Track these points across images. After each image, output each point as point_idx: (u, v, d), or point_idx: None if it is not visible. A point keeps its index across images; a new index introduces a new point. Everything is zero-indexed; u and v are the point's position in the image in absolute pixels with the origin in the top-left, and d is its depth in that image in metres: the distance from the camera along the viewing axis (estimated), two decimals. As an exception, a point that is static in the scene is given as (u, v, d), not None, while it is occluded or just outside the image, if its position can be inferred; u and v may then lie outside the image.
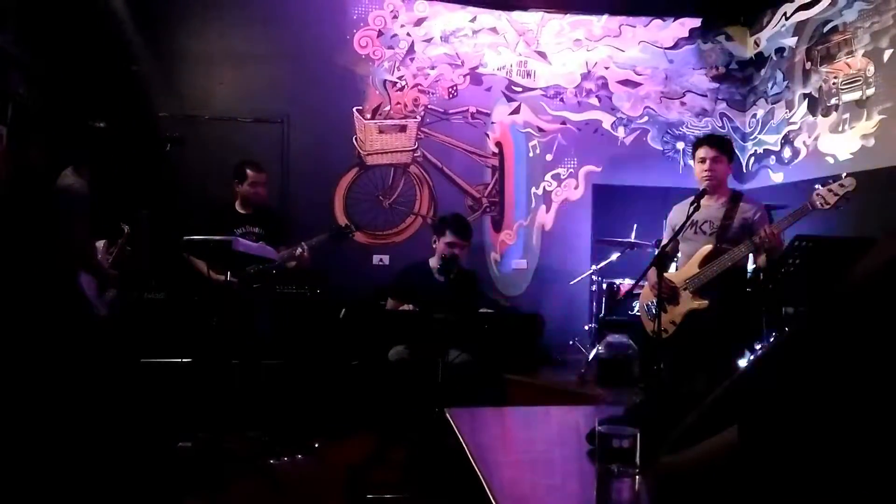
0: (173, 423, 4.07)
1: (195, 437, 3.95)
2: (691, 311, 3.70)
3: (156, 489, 3.47)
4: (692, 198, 3.75)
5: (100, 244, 4.11)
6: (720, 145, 3.82)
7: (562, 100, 6.20)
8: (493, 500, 1.20)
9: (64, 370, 3.68)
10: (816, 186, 3.39)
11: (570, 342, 5.63)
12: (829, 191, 3.32)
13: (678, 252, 3.97)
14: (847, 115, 5.12)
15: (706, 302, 3.66)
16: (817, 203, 3.34)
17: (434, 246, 4.47)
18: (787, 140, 5.80)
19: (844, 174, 3.40)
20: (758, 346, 4.04)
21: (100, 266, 3.95)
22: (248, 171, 4.65)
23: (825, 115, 5.35)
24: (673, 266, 4.06)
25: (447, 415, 1.78)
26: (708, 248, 3.70)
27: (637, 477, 1.14)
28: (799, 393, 0.94)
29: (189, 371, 4.25)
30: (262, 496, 3.55)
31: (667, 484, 1.12)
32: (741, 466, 0.95)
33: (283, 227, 4.79)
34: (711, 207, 3.79)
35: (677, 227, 3.79)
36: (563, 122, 6.21)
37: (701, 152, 3.82)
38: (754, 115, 6.27)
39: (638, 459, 1.14)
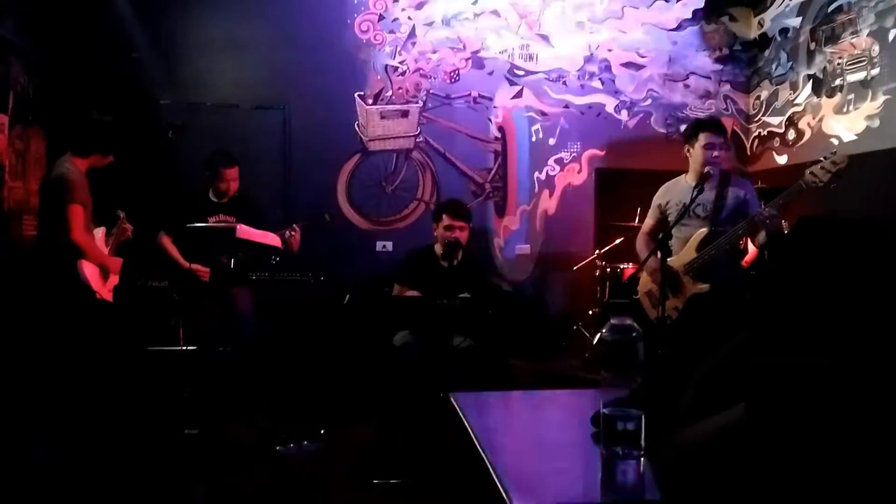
0: (179, 410, 4.08)
1: (201, 425, 3.97)
2: (693, 295, 3.69)
3: (162, 476, 3.49)
4: (681, 178, 3.73)
5: (98, 232, 4.11)
6: (725, 131, 3.79)
7: (564, 83, 6.16)
8: (498, 484, 1.20)
9: (67, 357, 3.70)
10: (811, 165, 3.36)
11: (575, 327, 5.63)
12: (822, 168, 3.29)
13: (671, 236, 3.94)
14: (852, 96, 5.08)
15: (707, 285, 3.65)
16: (811, 181, 3.31)
17: (434, 234, 4.46)
18: (791, 122, 5.77)
19: (836, 152, 3.37)
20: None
21: (99, 253, 3.95)
22: (221, 169, 4.58)
23: (830, 95, 5.31)
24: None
25: (452, 400, 1.78)
26: (704, 231, 3.69)
27: (642, 458, 1.14)
28: (805, 372, 0.94)
29: (194, 359, 4.26)
30: (268, 483, 3.56)
31: (673, 464, 1.12)
32: (748, 444, 0.95)
33: (258, 213, 4.70)
34: (703, 189, 3.76)
35: (665, 208, 3.78)
36: (566, 106, 6.18)
37: (708, 138, 3.73)
38: (758, 97, 6.23)
39: (643, 441, 1.14)
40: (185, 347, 4.26)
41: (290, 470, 3.71)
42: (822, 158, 3.34)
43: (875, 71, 4.86)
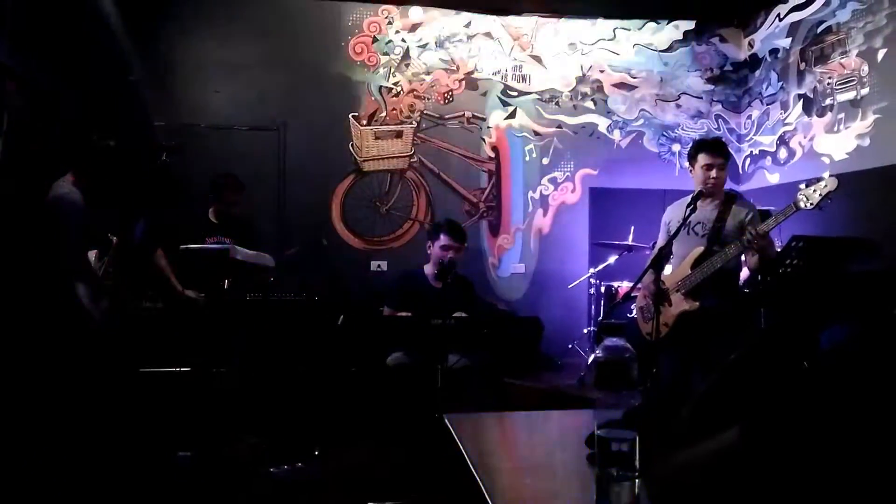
0: (173, 432, 4.05)
1: (195, 446, 3.94)
2: (683, 312, 3.70)
3: (156, 498, 3.46)
4: (688, 198, 3.74)
5: (91, 255, 4.09)
6: (724, 152, 3.80)
7: (557, 103, 6.21)
8: (492, 506, 1.20)
9: (62, 379, 3.67)
10: (800, 186, 3.39)
11: (569, 346, 5.63)
12: (813, 190, 3.33)
13: (671, 253, 3.96)
14: (842, 115, 5.13)
15: (697, 303, 3.66)
16: (801, 203, 3.34)
17: (428, 252, 4.46)
18: (782, 141, 5.82)
19: (827, 174, 3.42)
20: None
21: (94, 275, 3.94)
22: (225, 193, 4.61)
23: (820, 115, 5.36)
24: (668, 268, 4.05)
25: (446, 420, 1.78)
26: (700, 249, 3.69)
27: (636, 480, 1.13)
28: (799, 394, 0.94)
29: (187, 380, 4.23)
30: (263, 504, 3.53)
31: (668, 485, 1.12)
32: (742, 467, 0.95)
33: (254, 237, 4.71)
34: (705, 209, 3.78)
35: (672, 227, 3.78)
36: (559, 126, 6.22)
37: (707, 158, 3.75)
38: (749, 117, 6.29)
39: (637, 463, 1.14)
40: (179, 369, 4.24)
41: (284, 491, 3.68)
42: (813, 180, 3.38)
43: (865, 90, 4.92)
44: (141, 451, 3.88)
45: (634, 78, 6.30)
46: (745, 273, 4.07)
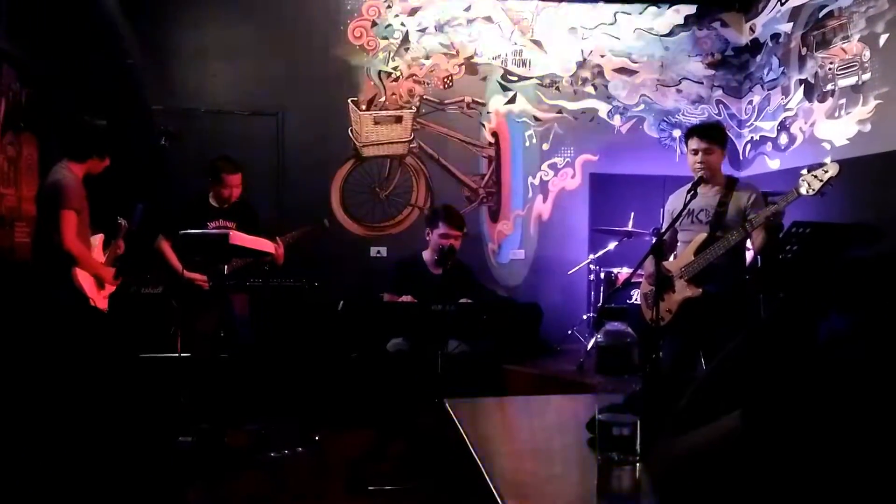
0: (174, 417, 4.07)
1: (196, 431, 3.95)
2: (687, 299, 3.70)
3: (157, 483, 3.48)
4: (689, 185, 3.74)
5: (96, 239, 4.09)
6: (710, 136, 3.79)
7: (557, 88, 6.18)
8: (493, 490, 1.20)
9: (62, 365, 3.68)
10: (802, 172, 3.40)
11: (569, 332, 5.63)
12: (815, 177, 3.34)
13: (677, 241, 3.96)
14: (843, 101, 5.10)
15: (700, 290, 3.66)
16: (803, 189, 3.35)
17: (427, 239, 4.46)
18: (783, 126, 5.79)
19: (829, 159, 3.43)
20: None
21: (93, 262, 3.93)
22: (223, 175, 4.55)
23: (821, 100, 5.34)
24: (672, 255, 4.06)
25: (447, 405, 1.78)
26: (703, 236, 3.70)
27: (637, 464, 1.14)
28: (800, 380, 0.94)
29: (188, 366, 4.24)
30: (264, 489, 3.55)
31: (668, 470, 1.12)
32: (743, 452, 0.95)
33: (257, 221, 4.70)
34: (707, 195, 3.78)
35: (674, 214, 3.78)
36: (559, 111, 6.19)
37: (692, 143, 3.79)
38: (750, 102, 6.26)
39: (638, 447, 1.14)
40: (181, 354, 4.25)
41: (285, 476, 3.70)
42: (815, 166, 3.38)
43: (866, 76, 4.89)
44: (142, 436, 3.89)
45: (635, 63, 6.26)
46: (750, 256, 4.08)
